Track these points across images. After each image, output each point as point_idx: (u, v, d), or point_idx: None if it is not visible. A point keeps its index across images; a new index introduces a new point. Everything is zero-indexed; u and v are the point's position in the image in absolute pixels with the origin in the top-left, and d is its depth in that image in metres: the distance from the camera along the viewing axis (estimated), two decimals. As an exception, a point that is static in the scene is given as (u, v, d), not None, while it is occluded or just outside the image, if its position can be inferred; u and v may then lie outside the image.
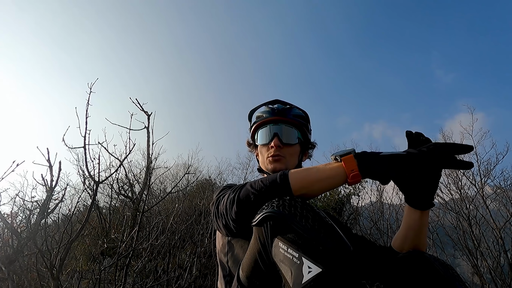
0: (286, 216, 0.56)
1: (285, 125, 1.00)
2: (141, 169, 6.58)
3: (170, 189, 7.12)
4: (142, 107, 3.05)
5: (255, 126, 1.04)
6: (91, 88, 2.12)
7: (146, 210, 3.63)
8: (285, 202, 0.59)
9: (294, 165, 1.01)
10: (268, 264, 0.59)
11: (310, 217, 0.56)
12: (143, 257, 3.40)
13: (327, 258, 0.50)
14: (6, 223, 2.01)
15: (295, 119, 1.01)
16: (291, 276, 0.52)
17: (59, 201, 2.34)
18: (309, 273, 0.50)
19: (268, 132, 1.00)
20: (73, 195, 6.27)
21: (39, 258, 1.99)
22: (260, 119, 1.03)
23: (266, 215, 0.59)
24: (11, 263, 1.83)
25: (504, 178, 5.20)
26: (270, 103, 1.05)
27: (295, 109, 1.04)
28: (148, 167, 3.37)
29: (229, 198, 0.73)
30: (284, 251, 0.54)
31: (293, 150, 1.00)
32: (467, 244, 4.92)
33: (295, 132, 1.00)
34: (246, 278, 0.64)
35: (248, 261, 0.64)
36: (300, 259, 0.52)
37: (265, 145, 1.01)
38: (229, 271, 0.83)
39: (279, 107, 1.03)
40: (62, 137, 1.94)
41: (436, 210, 5.79)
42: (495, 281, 4.38)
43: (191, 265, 3.96)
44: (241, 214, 0.69)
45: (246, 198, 0.69)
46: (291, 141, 0.99)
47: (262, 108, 1.06)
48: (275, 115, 1.00)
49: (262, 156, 1.03)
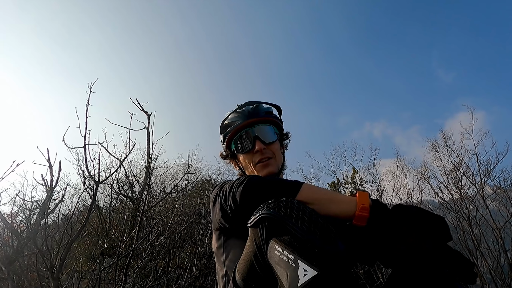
0: (282, 218, 0.56)
1: (260, 124, 0.96)
2: (141, 169, 6.58)
3: (170, 189, 7.12)
4: (142, 107, 3.05)
5: (230, 135, 0.98)
6: (91, 88, 2.13)
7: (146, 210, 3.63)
8: (281, 203, 0.59)
9: (281, 160, 1.00)
10: (264, 266, 0.59)
11: (306, 218, 0.55)
12: (143, 257, 3.40)
13: (322, 261, 0.50)
14: (6, 223, 2.01)
15: (267, 115, 0.98)
16: (287, 279, 0.52)
17: (59, 201, 2.34)
18: (305, 276, 0.50)
19: (247, 137, 0.95)
20: (73, 195, 6.27)
21: (39, 258, 1.99)
22: (234, 126, 0.97)
23: (262, 216, 0.59)
24: (11, 263, 1.83)
25: (504, 178, 5.20)
26: (237, 109, 1.00)
27: (263, 105, 1.01)
28: (148, 167, 3.38)
29: (238, 179, 0.73)
30: (280, 253, 0.54)
31: (276, 146, 0.98)
32: (467, 244, 4.92)
33: (272, 129, 0.98)
34: (242, 280, 0.63)
35: (244, 263, 0.64)
36: (296, 261, 0.51)
37: (248, 152, 0.95)
38: (226, 271, 0.83)
39: (248, 109, 0.98)
40: (62, 137, 1.94)
41: (436, 210, 5.79)
42: (495, 281, 4.37)
43: (191, 265, 3.96)
44: (245, 194, 0.68)
45: (255, 182, 0.69)
46: (272, 138, 0.96)
47: (231, 116, 1.00)
48: (250, 117, 0.96)
49: (247, 164, 0.97)
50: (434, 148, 6.14)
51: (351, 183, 6.64)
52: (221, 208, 0.78)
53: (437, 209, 5.79)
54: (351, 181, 6.66)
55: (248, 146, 0.95)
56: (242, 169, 1.02)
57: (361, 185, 6.58)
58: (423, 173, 6.21)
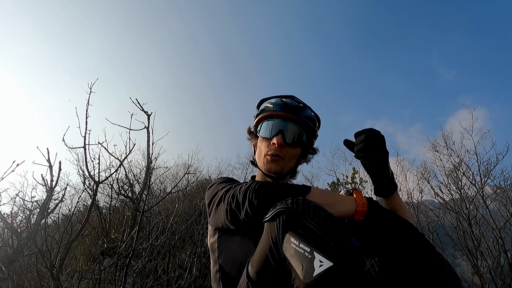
0: (300, 212, 0.58)
1: (293, 124, 0.92)
2: (141, 169, 6.58)
3: (170, 189, 7.12)
4: (142, 107, 3.05)
5: (262, 116, 0.96)
6: (91, 88, 2.12)
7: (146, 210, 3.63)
8: (299, 200, 0.61)
9: (290, 168, 0.95)
10: (279, 260, 0.60)
11: (322, 215, 0.58)
12: (143, 257, 3.40)
13: (338, 253, 0.52)
14: (6, 223, 2.01)
15: (305, 120, 0.94)
16: (302, 270, 0.54)
17: (59, 201, 2.34)
18: (320, 267, 0.52)
19: (273, 126, 0.93)
20: (73, 195, 6.27)
21: (39, 258, 1.99)
22: (269, 110, 0.96)
23: (280, 210, 0.61)
24: (11, 263, 1.83)
25: (504, 178, 5.21)
26: (284, 97, 0.98)
27: (307, 110, 0.97)
28: (148, 167, 3.38)
29: (247, 185, 0.74)
30: (296, 246, 0.56)
31: (294, 152, 0.93)
32: (467, 244, 4.93)
33: (302, 134, 0.93)
34: (256, 273, 0.65)
35: (258, 257, 0.65)
36: (312, 253, 0.53)
37: (266, 139, 0.93)
38: (220, 267, 0.83)
39: (291, 104, 0.95)
40: (62, 137, 1.94)
41: (436, 210, 5.80)
42: (495, 281, 4.38)
43: (191, 265, 3.96)
44: (263, 200, 0.69)
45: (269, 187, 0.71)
46: (295, 142, 0.92)
47: (274, 100, 0.98)
48: (286, 111, 0.93)
49: (260, 150, 0.96)
50: (434, 148, 6.15)
51: (351, 183, 6.64)
52: (231, 212, 0.76)
53: (437, 209, 5.79)
54: (351, 181, 6.66)
55: (269, 134, 0.93)
56: (255, 152, 1.01)
57: (361, 185, 6.58)
58: (423, 173, 6.21)
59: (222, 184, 0.88)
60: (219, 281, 0.82)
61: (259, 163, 0.97)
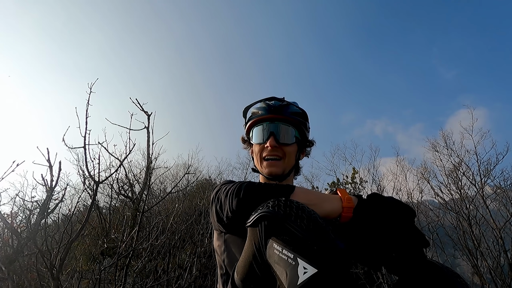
0: (281, 216, 0.56)
1: (282, 123, 0.95)
2: (141, 169, 6.57)
3: (170, 189, 7.11)
4: (142, 107, 3.05)
5: (250, 123, 0.99)
6: (91, 88, 2.13)
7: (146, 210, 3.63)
8: (280, 202, 0.59)
9: (291, 165, 0.97)
10: (263, 266, 0.58)
11: (305, 217, 0.55)
12: (143, 257, 3.40)
13: (322, 258, 0.50)
14: (6, 223, 2.01)
15: (293, 117, 0.96)
16: (286, 278, 0.52)
17: (59, 201, 2.34)
18: (305, 274, 0.50)
19: (263, 130, 0.95)
20: (73, 195, 6.27)
21: (39, 258, 1.99)
22: (255, 116, 0.98)
23: (261, 215, 0.59)
24: (11, 263, 1.83)
25: (504, 178, 5.20)
26: (266, 100, 1.00)
27: (292, 106, 0.99)
28: (148, 167, 3.38)
29: (232, 186, 0.74)
30: (279, 252, 0.54)
31: (290, 149, 0.95)
32: (467, 244, 4.92)
33: (293, 131, 0.96)
34: (241, 281, 0.63)
35: (243, 263, 0.63)
36: (295, 260, 0.51)
37: (260, 144, 0.96)
38: (225, 270, 0.83)
39: (275, 104, 0.97)
40: (62, 137, 1.94)
41: (436, 210, 5.79)
42: (495, 281, 4.37)
43: (191, 265, 3.96)
44: (242, 203, 0.70)
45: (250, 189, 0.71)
46: (288, 140, 0.94)
47: (258, 104, 1.00)
48: (272, 113, 0.95)
49: (257, 155, 0.98)
50: (434, 148, 6.14)
51: (351, 183, 6.64)
52: (217, 214, 0.79)
53: (437, 209, 5.79)
54: (351, 181, 6.65)
55: (262, 139, 0.95)
56: (253, 158, 1.03)
57: (361, 185, 6.57)
58: (423, 173, 6.21)
59: (224, 186, 0.89)
60: (225, 284, 0.82)
61: (259, 169, 0.99)
